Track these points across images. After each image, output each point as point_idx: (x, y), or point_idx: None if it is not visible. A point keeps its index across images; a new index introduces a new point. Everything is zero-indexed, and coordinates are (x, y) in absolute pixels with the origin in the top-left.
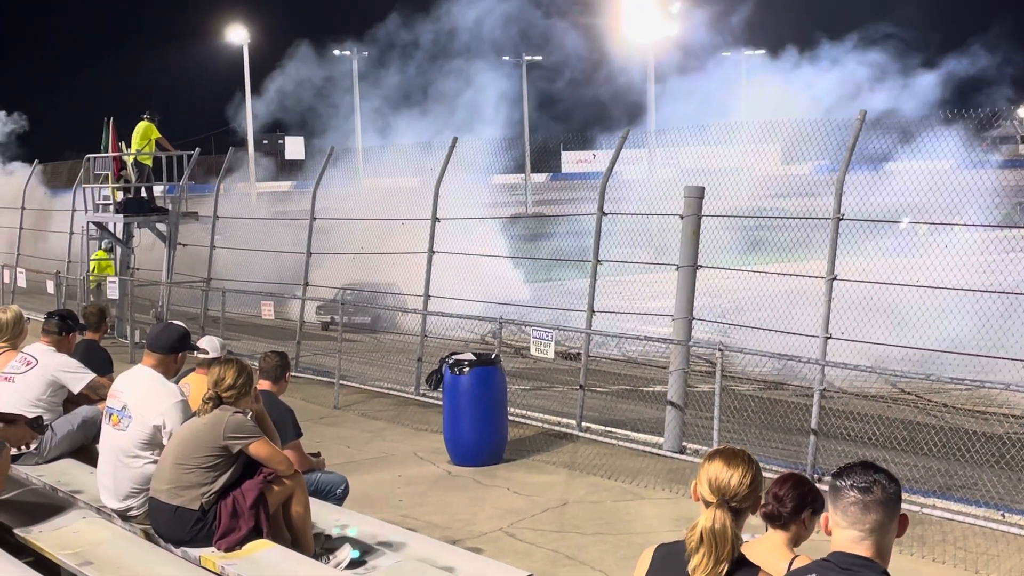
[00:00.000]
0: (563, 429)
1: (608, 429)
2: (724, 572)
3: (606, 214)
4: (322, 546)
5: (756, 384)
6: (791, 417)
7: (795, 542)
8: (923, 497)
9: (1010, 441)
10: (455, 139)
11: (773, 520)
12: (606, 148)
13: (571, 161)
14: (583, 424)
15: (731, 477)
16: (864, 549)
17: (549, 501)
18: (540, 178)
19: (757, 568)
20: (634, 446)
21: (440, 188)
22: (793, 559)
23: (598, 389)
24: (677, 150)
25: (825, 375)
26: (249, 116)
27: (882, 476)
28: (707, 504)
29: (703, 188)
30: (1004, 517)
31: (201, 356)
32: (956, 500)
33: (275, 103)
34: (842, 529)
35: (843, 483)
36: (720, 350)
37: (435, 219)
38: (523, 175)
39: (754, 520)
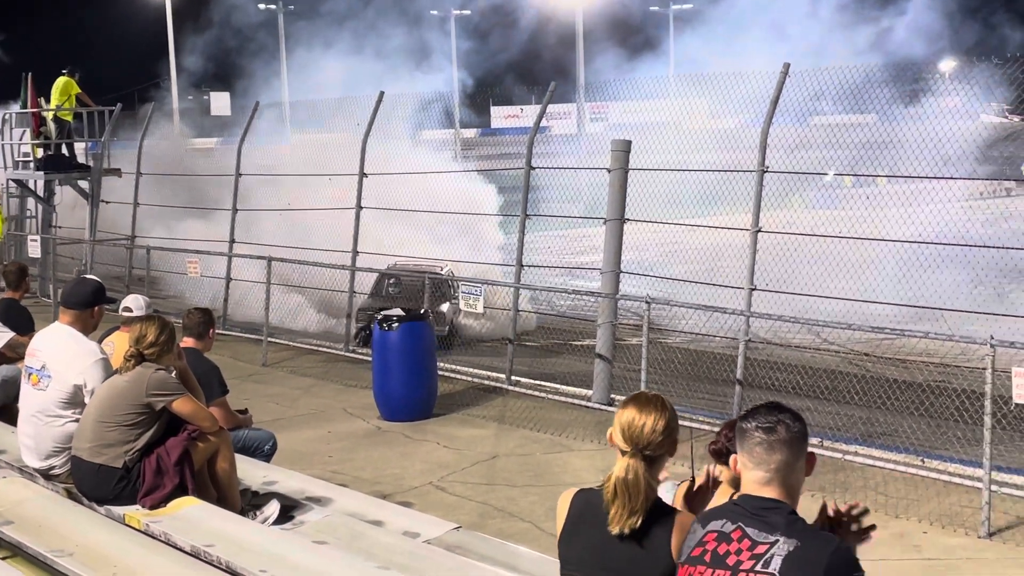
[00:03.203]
0: (493, 383)
1: (537, 383)
2: (639, 521)
3: (534, 168)
4: (248, 502)
5: (684, 336)
6: (717, 368)
7: (735, 484)
8: (845, 444)
9: (930, 388)
10: (381, 93)
11: (720, 457)
12: (536, 103)
13: (500, 116)
14: (513, 378)
15: (644, 424)
16: (771, 490)
17: (479, 454)
18: (469, 133)
19: (674, 511)
20: (563, 399)
21: (368, 143)
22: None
23: (528, 344)
24: (605, 105)
25: (750, 326)
26: (173, 71)
27: (786, 416)
28: (622, 452)
29: (630, 142)
30: (923, 462)
31: (126, 315)
32: (877, 447)
33: (201, 58)
34: (749, 470)
35: (748, 425)
36: (647, 303)
37: (362, 175)
38: (452, 130)
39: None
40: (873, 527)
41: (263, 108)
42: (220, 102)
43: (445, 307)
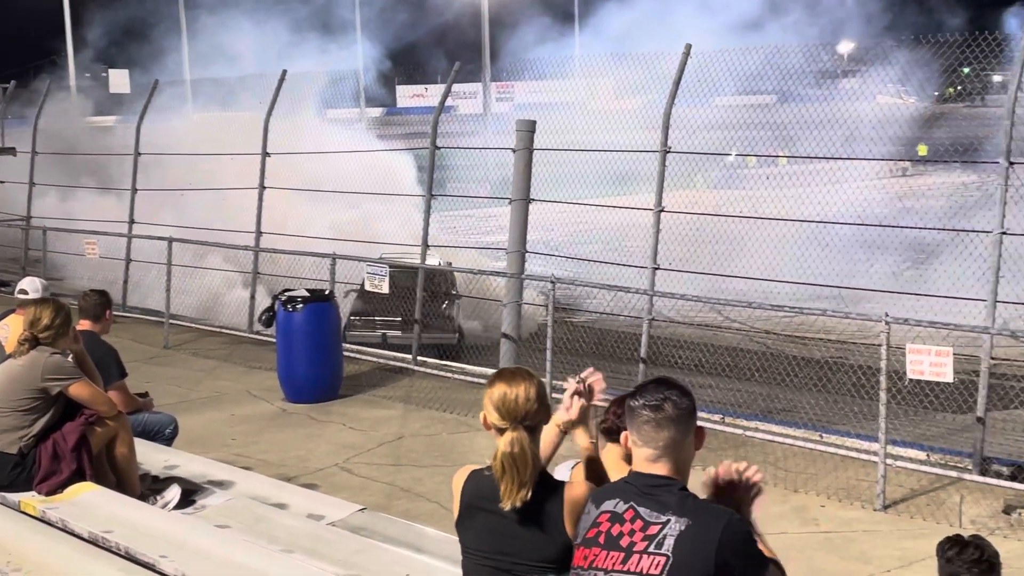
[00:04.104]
0: (399, 364)
1: (444, 363)
2: (529, 494)
3: (439, 148)
4: (149, 487)
5: (590, 315)
6: (622, 346)
7: (629, 459)
8: (746, 420)
9: (828, 365)
10: (284, 72)
11: (611, 435)
12: (442, 83)
13: (406, 96)
14: (419, 358)
15: (517, 396)
16: (661, 467)
17: (385, 435)
18: (375, 112)
19: (562, 483)
20: (469, 379)
21: (278, 123)
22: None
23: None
24: (512, 85)
25: (654, 305)
26: (70, 47)
27: (674, 392)
28: (500, 431)
29: (534, 122)
30: (822, 437)
31: (22, 297)
32: (777, 423)
33: (100, 34)
34: (639, 448)
35: (636, 402)
36: (552, 283)
37: (265, 154)
38: (358, 109)
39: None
40: (759, 485)
41: (165, 86)
42: (119, 79)
43: (453, 309)
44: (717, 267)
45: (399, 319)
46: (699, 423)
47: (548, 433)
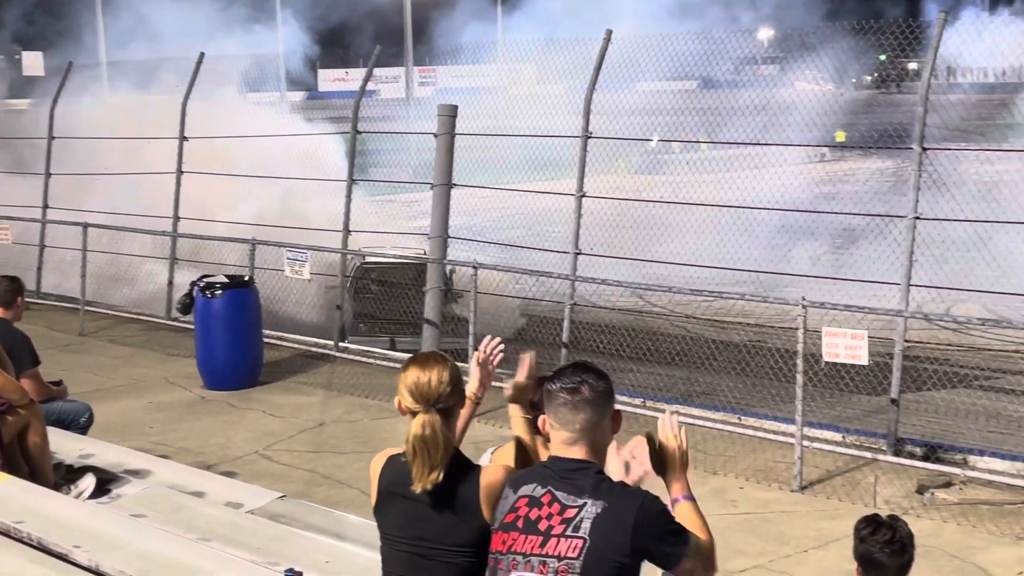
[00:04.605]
0: (321, 350)
1: (366, 349)
2: (440, 477)
3: (360, 133)
4: (63, 476)
5: (513, 300)
6: (545, 331)
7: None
8: (666, 404)
9: (746, 349)
10: (201, 55)
11: (539, 409)
12: (363, 67)
13: (328, 79)
14: (341, 344)
15: (430, 379)
16: (578, 450)
17: (306, 422)
18: (296, 96)
19: (478, 468)
20: (391, 364)
21: (188, 106)
22: None
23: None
24: (435, 70)
25: (576, 290)
26: None
27: (590, 375)
28: (414, 414)
29: (455, 107)
30: (740, 420)
31: None
32: (697, 406)
33: (14, 16)
34: (556, 431)
35: (553, 386)
36: (474, 267)
37: (183, 138)
38: (279, 93)
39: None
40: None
41: (81, 67)
42: (33, 61)
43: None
44: (639, 252)
45: (408, 322)
46: (620, 407)
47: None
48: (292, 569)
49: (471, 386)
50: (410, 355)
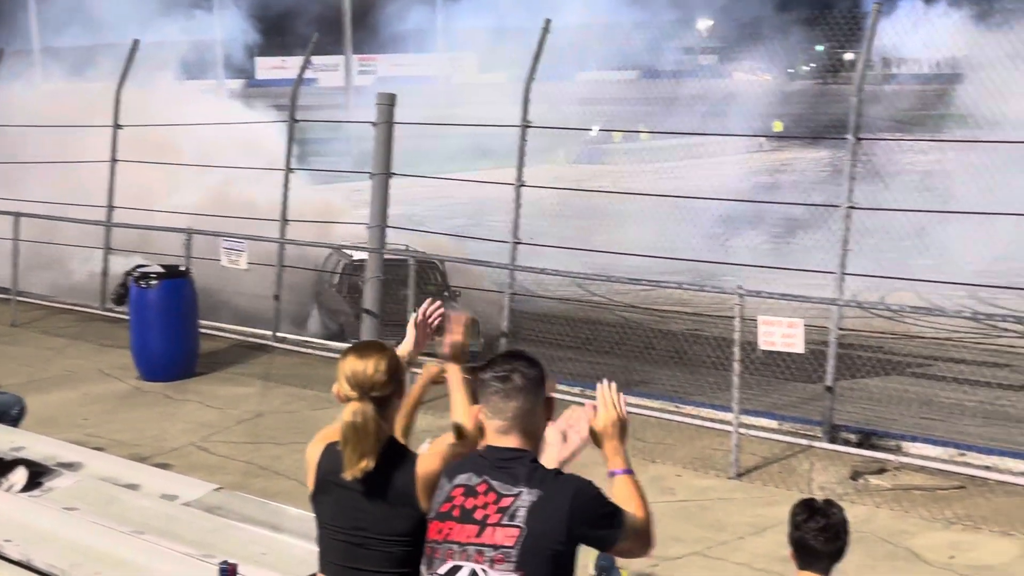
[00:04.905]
0: (258, 340)
1: (304, 339)
2: (370, 465)
3: (297, 122)
4: None
5: (454, 290)
6: (485, 321)
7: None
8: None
9: (684, 337)
10: (136, 42)
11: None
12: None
13: (266, 67)
14: (278, 335)
15: (366, 368)
16: (512, 439)
17: (243, 413)
18: (235, 84)
19: (414, 456)
20: (330, 355)
21: (124, 94)
22: None
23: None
24: (375, 58)
25: (515, 279)
26: None
27: (521, 363)
28: (350, 400)
29: (394, 95)
30: (678, 408)
31: None
32: (635, 394)
33: None
34: (489, 420)
35: (486, 375)
36: (413, 257)
37: (116, 126)
38: (216, 81)
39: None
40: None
41: (13, 54)
42: None
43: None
44: (579, 241)
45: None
46: (559, 396)
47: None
48: (227, 562)
49: (404, 346)
50: (348, 347)
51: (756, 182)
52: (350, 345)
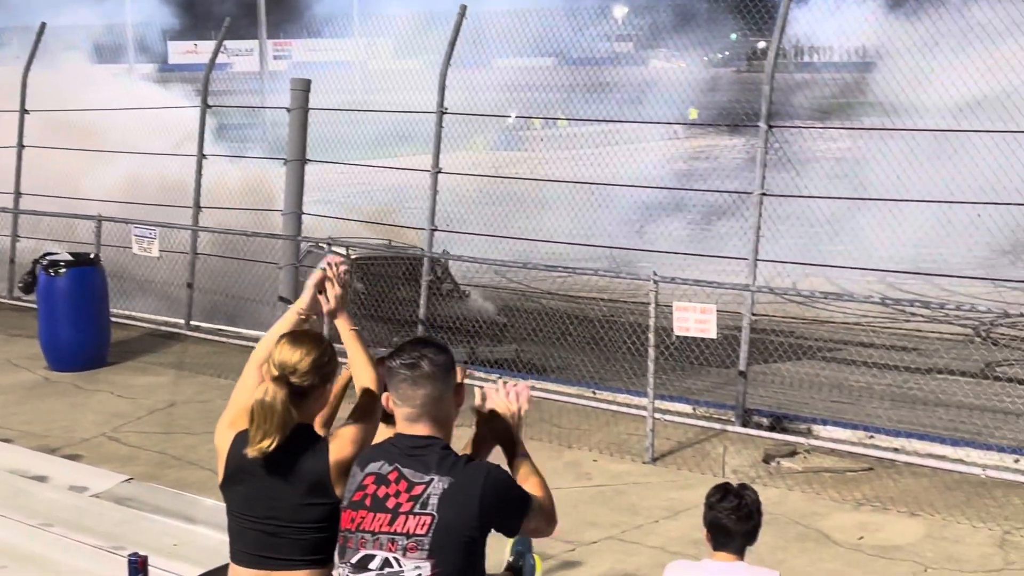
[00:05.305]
0: (171, 329)
1: (218, 327)
2: (271, 446)
3: (210, 107)
4: None
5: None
6: (403, 309)
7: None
8: (522, 379)
9: (600, 324)
10: (43, 25)
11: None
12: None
13: (178, 52)
14: (192, 323)
15: (294, 354)
16: (422, 427)
17: (156, 403)
18: (147, 68)
19: (326, 442)
20: (245, 343)
21: (32, 78)
22: None
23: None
24: (290, 43)
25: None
26: None
27: (430, 350)
28: (272, 379)
29: (309, 81)
30: (594, 394)
31: None
32: (552, 380)
33: None
34: (399, 407)
35: (394, 363)
36: (328, 244)
37: (23, 111)
38: (128, 65)
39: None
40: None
41: None
42: None
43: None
44: (497, 228)
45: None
46: (477, 383)
47: (286, 320)
48: (136, 554)
49: (300, 303)
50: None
51: (673, 169)
52: (290, 332)
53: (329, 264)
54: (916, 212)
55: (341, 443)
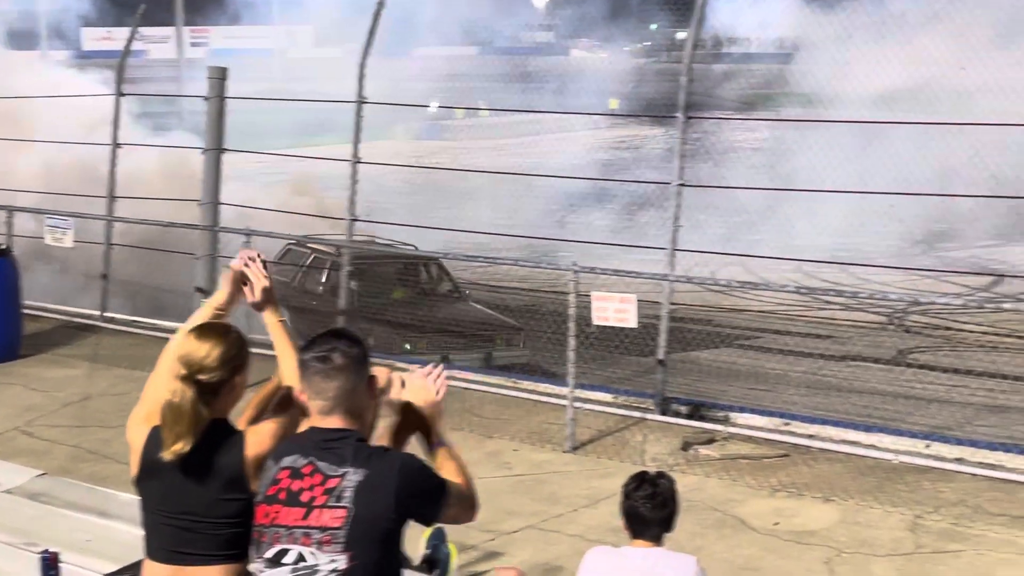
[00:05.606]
0: (85, 321)
1: (134, 319)
2: (186, 447)
3: (123, 95)
4: None
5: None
6: (324, 300)
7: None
8: (443, 369)
9: (521, 313)
10: None
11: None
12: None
13: (92, 39)
14: (107, 315)
15: (200, 349)
16: (336, 420)
17: (70, 396)
18: (60, 55)
19: (242, 437)
20: (162, 335)
21: None
22: None
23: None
24: (208, 30)
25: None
26: None
27: (343, 342)
28: (180, 378)
29: (225, 69)
30: (515, 383)
31: None
32: (472, 370)
33: None
34: (312, 401)
35: (306, 355)
36: (247, 235)
37: None
38: (39, 52)
39: None
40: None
41: None
42: None
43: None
44: (419, 218)
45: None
46: (398, 375)
47: (201, 315)
48: (48, 550)
49: (217, 297)
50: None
51: (596, 159)
52: (198, 324)
53: (246, 259)
54: (832, 202)
55: (259, 438)
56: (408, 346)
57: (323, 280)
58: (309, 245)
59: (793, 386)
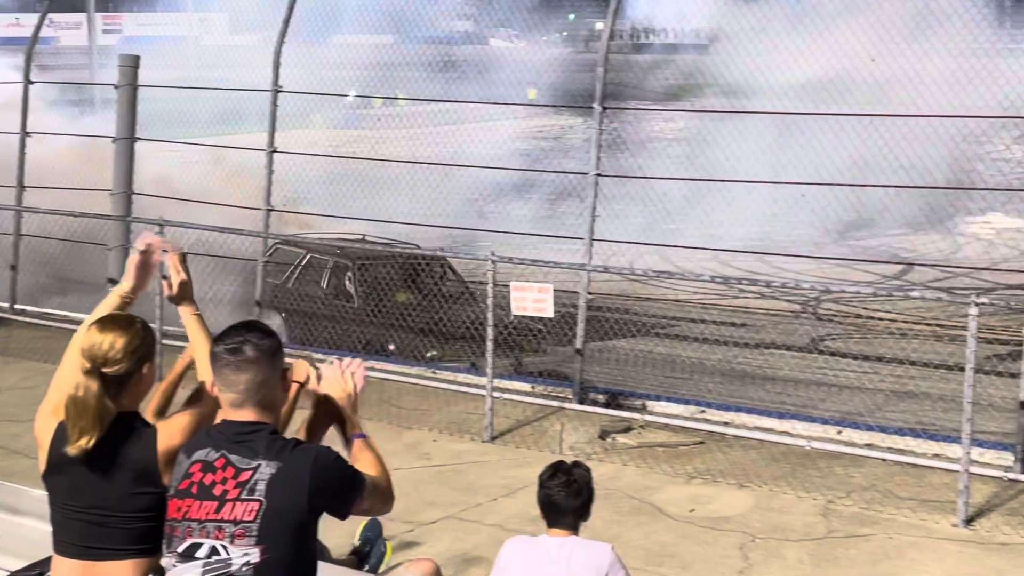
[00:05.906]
0: None
1: (45, 311)
2: (91, 442)
3: (32, 83)
4: None
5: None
6: (243, 291)
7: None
8: (363, 360)
9: (451, 302)
10: None
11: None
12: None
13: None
14: (17, 306)
15: (103, 342)
16: (247, 413)
17: None
18: None
19: (153, 431)
20: (73, 327)
21: None
22: None
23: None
24: (120, 16)
25: (268, 247)
26: None
27: (255, 334)
28: (84, 372)
29: (138, 57)
30: (434, 374)
31: None
32: (392, 361)
33: None
34: (223, 393)
35: (218, 348)
36: (160, 225)
37: None
38: None
39: None
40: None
41: None
42: None
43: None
44: (337, 208)
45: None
46: (319, 366)
47: (107, 303)
48: None
49: (123, 285)
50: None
51: (516, 148)
52: (101, 317)
53: (147, 243)
54: (749, 192)
55: (171, 431)
56: (434, 352)
57: (324, 282)
58: (301, 244)
59: (709, 374)
